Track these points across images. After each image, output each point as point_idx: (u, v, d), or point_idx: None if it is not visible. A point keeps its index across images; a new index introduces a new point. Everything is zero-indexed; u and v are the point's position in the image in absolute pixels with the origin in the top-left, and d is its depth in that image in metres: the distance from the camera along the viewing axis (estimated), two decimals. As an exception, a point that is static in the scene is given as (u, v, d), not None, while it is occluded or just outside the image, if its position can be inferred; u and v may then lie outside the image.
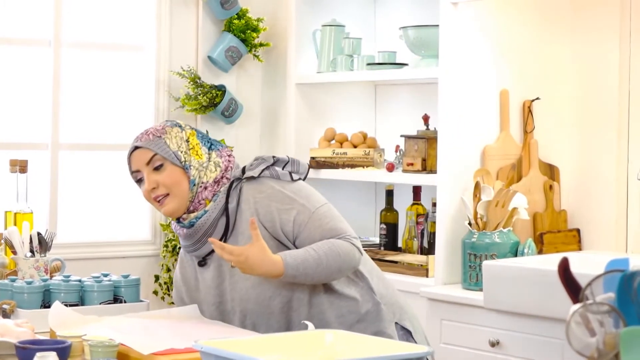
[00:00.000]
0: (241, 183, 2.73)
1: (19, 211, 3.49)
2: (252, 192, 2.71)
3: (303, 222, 2.67)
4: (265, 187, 2.71)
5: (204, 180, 2.71)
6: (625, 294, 1.52)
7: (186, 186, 2.70)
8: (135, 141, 2.76)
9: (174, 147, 2.71)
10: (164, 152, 2.70)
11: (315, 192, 2.77)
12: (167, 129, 2.75)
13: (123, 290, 3.01)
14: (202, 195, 2.71)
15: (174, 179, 2.69)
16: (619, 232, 3.94)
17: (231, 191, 2.71)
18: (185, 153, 2.72)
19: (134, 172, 2.76)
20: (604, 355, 1.49)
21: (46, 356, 2.19)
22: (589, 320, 1.53)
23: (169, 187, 2.70)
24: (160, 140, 2.71)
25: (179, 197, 2.70)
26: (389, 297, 2.81)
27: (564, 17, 4.09)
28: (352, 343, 2.20)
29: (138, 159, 2.74)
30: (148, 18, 4.64)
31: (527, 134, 4.03)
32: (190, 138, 2.76)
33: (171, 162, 2.70)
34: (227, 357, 2.02)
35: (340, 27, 4.54)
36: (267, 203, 2.68)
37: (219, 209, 2.70)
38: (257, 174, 2.72)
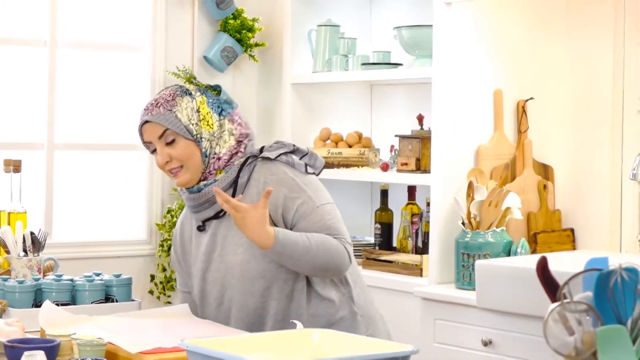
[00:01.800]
0: (256, 161, 2.73)
1: (12, 211, 3.51)
2: (264, 172, 2.71)
3: (305, 212, 2.68)
4: (278, 171, 2.71)
5: (217, 151, 2.72)
6: (603, 292, 1.52)
7: (199, 158, 2.71)
8: (145, 114, 2.75)
9: (184, 120, 2.70)
10: (175, 127, 2.69)
11: (324, 190, 2.78)
12: (177, 100, 2.73)
13: (115, 289, 3.01)
14: (215, 165, 2.72)
15: (186, 152, 2.70)
16: (613, 232, 3.95)
17: (244, 166, 2.72)
18: (196, 125, 2.71)
19: (146, 142, 2.77)
20: (581, 354, 1.50)
21: (34, 355, 2.20)
22: (567, 319, 1.54)
23: (181, 160, 2.71)
24: (171, 114, 2.70)
25: (192, 169, 2.71)
26: (367, 309, 2.82)
27: (558, 17, 4.09)
28: (339, 342, 2.20)
29: (150, 132, 2.74)
30: (144, 18, 4.64)
31: (521, 134, 4.03)
32: (200, 107, 2.74)
33: (183, 136, 2.69)
34: (212, 356, 2.03)
35: (335, 27, 4.55)
36: (276, 187, 2.68)
37: (229, 182, 2.71)
38: (273, 156, 2.73)
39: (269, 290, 2.70)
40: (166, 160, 2.72)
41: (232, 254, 2.72)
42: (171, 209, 4.59)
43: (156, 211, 4.64)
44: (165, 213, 4.60)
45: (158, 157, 2.73)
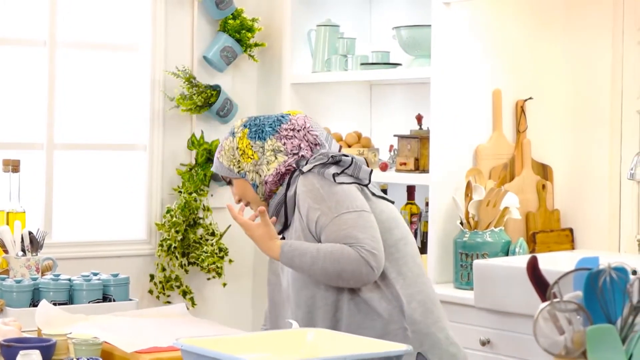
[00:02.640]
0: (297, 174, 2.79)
1: (11, 210, 3.51)
2: (300, 185, 2.76)
3: (324, 224, 2.68)
4: (308, 183, 2.74)
5: (263, 178, 2.81)
6: (592, 292, 1.53)
7: (251, 190, 2.84)
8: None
9: (227, 162, 2.84)
10: (224, 172, 2.86)
11: (354, 199, 2.71)
12: (223, 144, 2.87)
13: (112, 289, 3.02)
14: (266, 189, 2.81)
15: (241, 190, 2.85)
16: (611, 232, 3.95)
17: (291, 180, 2.80)
18: (238, 162, 2.83)
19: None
20: (571, 353, 1.50)
21: (29, 354, 2.21)
22: (557, 319, 1.54)
23: (242, 196, 2.86)
24: (218, 162, 2.87)
25: (253, 201, 2.85)
26: (423, 326, 2.70)
27: (557, 17, 4.09)
28: (334, 341, 2.20)
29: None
30: (143, 18, 4.65)
31: (520, 134, 4.03)
32: (239, 143, 2.82)
33: (232, 177, 2.85)
34: (207, 355, 2.03)
35: (334, 27, 4.55)
36: (304, 198, 2.73)
37: (280, 196, 2.80)
38: (306, 169, 2.76)
39: (313, 300, 2.70)
40: (236, 199, 2.90)
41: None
42: (170, 208, 4.60)
43: (156, 211, 4.65)
44: (165, 213, 4.60)
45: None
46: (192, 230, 4.61)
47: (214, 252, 4.60)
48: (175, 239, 4.55)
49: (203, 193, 4.64)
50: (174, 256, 4.58)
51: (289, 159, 2.78)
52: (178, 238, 4.55)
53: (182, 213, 4.57)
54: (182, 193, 4.61)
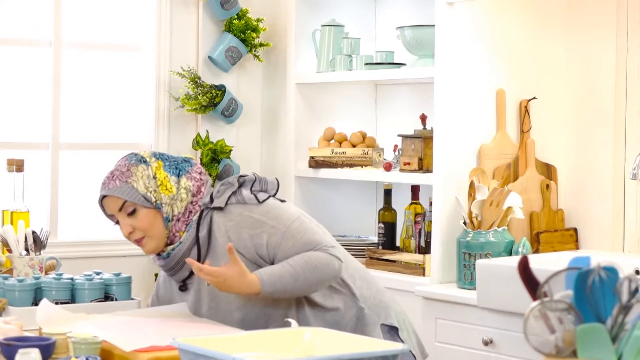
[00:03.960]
0: (210, 212, 2.75)
1: (15, 210, 3.53)
2: (222, 221, 2.73)
3: (277, 243, 2.68)
4: (234, 215, 2.72)
5: (176, 213, 2.74)
6: (582, 291, 1.53)
7: (161, 224, 2.74)
8: (102, 188, 2.78)
9: (142, 189, 2.72)
10: (133, 198, 2.72)
11: (285, 209, 2.76)
12: (132, 170, 2.75)
13: (114, 288, 3.03)
14: (176, 227, 2.74)
15: (148, 221, 2.73)
16: (615, 231, 3.94)
17: (201, 220, 2.73)
18: (154, 192, 2.73)
19: (109, 215, 2.82)
20: (562, 352, 1.50)
21: (28, 352, 2.21)
22: (548, 318, 1.55)
23: (144, 229, 2.74)
24: (128, 186, 2.72)
25: (156, 236, 2.74)
26: (373, 298, 2.82)
27: (560, 16, 4.09)
28: (331, 340, 2.21)
29: (109, 205, 2.79)
30: (148, 18, 4.66)
31: (524, 134, 4.03)
32: (157, 173, 2.76)
33: (142, 205, 2.72)
34: (204, 354, 2.04)
35: (339, 27, 4.56)
36: (238, 231, 2.70)
37: (191, 239, 2.73)
38: (223, 204, 2.73)
39: (273, 319, 2.73)
40: (129, 231, 2.75)
41: (226, 303, 2.75)
42: (176, 208, 4.61)
43: (161, 211, 4.66)
44: (170, 212, 4.61)
45: (121, 228, 2.78)
46: (197, 229, 4.62)
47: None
48: (180, 238, 4.56)
49: (208, 193, 4.65)
50: (179, 256, 4.59)
51: (195, 199, 2.75)
52: (183, 238, 4.56)
53: (187, 213, 4.58)
54: (187, 193, 4.62)
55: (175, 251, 2.75)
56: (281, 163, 4.70)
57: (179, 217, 2.73)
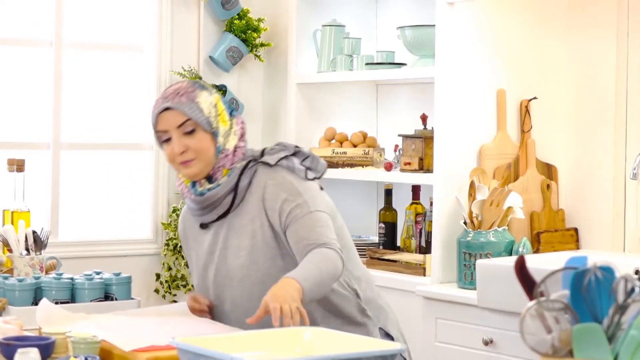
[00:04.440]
0: (257, 165, 2.74)
1: (16, 210, 3.53)
2: (265, 177, 2.71)
3: (298, 215, 2.66)
4: (278, 176, 2.71)
5: (227, 147, 2.72)
6: (578, 291, 1.53)
7: (213, 152, 2.70)
8: (165, 101, 2.70)
9: (206, 112, 2.69)
10: (197, 118, 2.67)
11: (322, 198, 2.76)
12: (197, 92, 2.71)
13: (114, 287, 3.03)
14: (222, 162, 2.72)
15: (203, 145, 2.68)
16: (616, 231, 3.94)
17: (245, 170, 2.72)
18: (214, 119, 2.71)
19: (161, 131, 2.72)
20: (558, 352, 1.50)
21: (27, 352, 2.22)
22: (545, 317, 1.55)
23: (197, 152, 2.68)
24: (194, 105, 2.68)
25: (205, 162, 2.70)
26: (374, 301, 2.83)
27: (561, 16, 4.09)
28: (330, 340, 2.21)
29: (168, 120, 2.69)
30: (149, 18, 4.67)
31: (525, 134, 4.03)
32: (217, 103, 2.74)
33: (202, 128, 2.68)
34: (202, 353, 2.04)
35: (340, 27, 4.56)
36: (275, 191, 2.69)
37: (230, 185, 2.71)
38: (273, 161, 2.73)
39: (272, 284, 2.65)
40: (182, 150, 2.68)
41: (233, 257, 2.73)
42: (177, 208, 4.61)
43: (162, 210, 4.66)
44: (171, 212, 4.62)
45: (174, 145, 2.68)
46: (198, 229, 4.62)
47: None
48: (181, 238, 4.57)
49: (209, 193, 4.65)
50: (180, 255, 4.60)
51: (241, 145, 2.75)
52: (184, 237, 4.57)
53: (188, 213, 4.58)
54: (188, 193, 4.62)
55: (211, 192, 2.71)
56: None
57: (227, 153, 2.71)
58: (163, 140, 2.72)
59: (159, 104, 2.71)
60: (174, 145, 2.68)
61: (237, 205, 2.72)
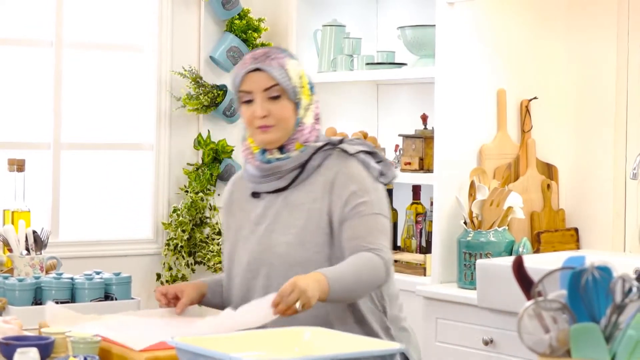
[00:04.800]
0: (333, 150, 2.67)
1: (16, 209, 3.53)
2: (338, 163, 2.64)
3: (361, 212, 2.58)
4: (353, 167, 2.64)
5: (304, 122, 2.67)
6: (576, 291, 1.53)
7: (292, 123, 2.64)
8: (256, 61, 2.64)
9: (294, 81, 2.64)
10: (285, 84, 2.62)
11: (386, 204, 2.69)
12: (287, 60, 2.66)
13: (114, 287, 3.03)
14: (296, 136, 2.65)
15: (285, 113, 2.62)
16: (616, 231, 3.94)
17: (319, 150, 2.65)
18: (299, 90, 2.65)
19: (244, 92, 2.65)
20: (556, 351, 1.51)
21: (27, 352, 2.22)
22: (542, 317, 1.55)
23: (278, 120, 2.62)
24: (284, 71, 2.62)
25: (283, 131, 2.63)
26: (399, 322, 2.74)
27: (561, 16, 4.09)
28: (330, 340, 2.21)
29: (256, 81, 2.63)
30: (150, 18, 4.67)
31: (525, 133, 4.03)
32: (303, 75, 2.68)
33: (288, 96, 2.63)
34: (201, 353, 2.04)
35: (340, 27, 4.56)
36: (346, 180, 2.61)
37: (300, 161, 2.64)
38: (352, 151, 2.65)
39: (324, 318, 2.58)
40: (264, 115, 2.61)
41: (282, 232, 2.64)
42: (177, 208, 4.62)
43: (162, 210, 4.67)
44: (171, 212, 4.62)
45: (256, 108, 2.62)
46: (199, 229, 4.63)
47: (220, 252, 4.62)
48: (181, 238, 4.57)
49: (209, 192, 4.66)
50: (181, 255, 4.60)
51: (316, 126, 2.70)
52: (184, 237, 4.57)
53: (189, 212, 4.59)
54: (189, 192, 4.63)
55: (279, 162, 2.64)
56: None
57: (303, 128, 2.66)
58: (244, 100, 2.66)
59: (248, 63, 2.64)
60: (257, 107, 2.62)
61: (300, 182, 2.65)
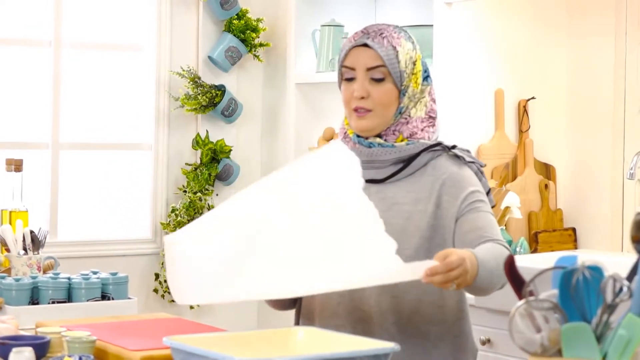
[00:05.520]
0: (443, 152, 2.45)
1: (14, 209, 3.54)
2: (450, 165, 2.42)
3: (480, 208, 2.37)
4: (466, 172, 2.42)
5: (411, 114, 2.42)
6: (567, 290, 1.54)
7: (393, 111, 2.40)
8: (365, 37, 2.40)
9: (402, 65, 2.38)
10: (392, 68, 2.38)
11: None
12: (401, 41, 2.40)
13: (111, 287, 3.05)
14: (398, 127, 2.41)
15: (387, 98, 2.38)
16: (614, 231, 3.95)
17: (428, 150, 2.42)
18: (408, 76, 2.40)
19: (347, 67, 2.42)
20: (547, 351, 1.51)
21: (22, 351, 2.23)
22: (534, 317, 1.55)
23: (377, 104, 2.38)
24: (394, 52, 2.38)
25: (381, 118, 2.39)
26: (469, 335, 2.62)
27: (559, 17, 4.09)
28: (323, 340, 2.21)
29: (361, 57, 2.40)
30: (148, 18, 4.67)
31: (523, 133, 4.04)
32: (417, 61, 2.43)
33: (393, 80, 2.38)
34: (195, 353, 2.04)
35: (339, 27, 4.56)
36: (462, 180, 2.38)
37: (405, 154, 2.40)
38: (468, 159, 2.45)
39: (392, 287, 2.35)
40: (363, 96, 2.37)
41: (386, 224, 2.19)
42: (175, 208, 4.62)
43: (161, 210, 4.67)
44: (170, 212, 4.63)
45: (356, 87, 2.38)
46: (197, 229, 4.62)
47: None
48: (180, 238, 4.57)
49: (208, 192, 4.66)
50: (179, 255, 4.59)
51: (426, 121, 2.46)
52: (183, 237, 4.57)
53: (187, 212, 4.59)
54: (187, 192, 4.63)
55: (380, 149, 2.40)
56: (281, 163, 4.71)
57: (408, 120, 2.42)
58: (345, 77, 2.43)
59: (357, 36, 2.41)
60: (356, 86, 2.39)
61: (400, 178, 2.41)
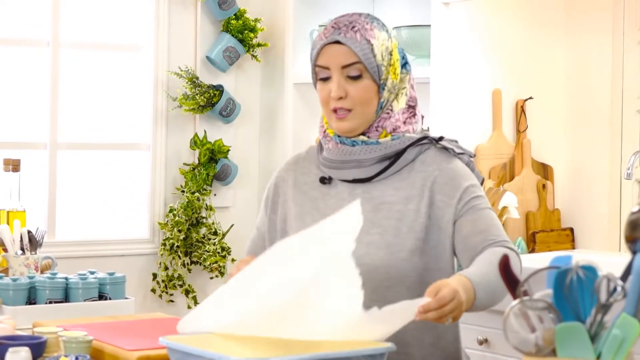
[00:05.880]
0: (431, 146, 2.34)
1: (11, 209, 3.54)
2: (439, 160, 2.30)
3: (479, 206, 2.26)
4: (459, 165, 2.31)
5: (393, 107, 2.30)
6: (561, 290, 1.54)
7: (374, 108, 2.28)
8: (336, 33, 2.26)
9: (379, 59, 2.25)
10: (368, 63, 2.25)
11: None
12: (375, 32, 2.27)
13: (108, 287, 3.05)
14: (381, 123, 2.30)
15: (366, 95, 2.26)
16: (612, 231, 3.95)
17: (416, 144, 2.30)
18: (386, 69, 2.27)
19: (321, 67, 2.29)
20: (541, 350, 1.51)
21: (18, 351, 2.23)
22: (528, 316, 1.56)
23: (356, 103, 2.26)
24: (368, 46, 2.24)
25: (363, 117, 2.27)
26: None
27: (557, 16, 4.09)
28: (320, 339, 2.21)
29: (335, 55, 2.26)
30: (146, 18, 4.67)
31: (520, 134, 4.04)
32: (393, 51, 2.30)
33: (371, 75, 2.26)
34: (191, 352, 2.04)
35: (337, 27, 4.56)
36: (454, 176, 2.27)
37: (391, 150, 2.28)
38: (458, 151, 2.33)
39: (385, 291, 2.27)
40: (341, 96, 2.25)
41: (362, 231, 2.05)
42: (173, 208, 4.62)
43: (158, 210, 4.67)
44: (168, 212, 4.63)
45: (332, 87, 2.26)
46: (195, 229, 4.63)
47: (217, 252, 4.62)
48: (178, 238, 4.58)
49: (206, 192, 4.67)
50: (177, 255, 4.60)
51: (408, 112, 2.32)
52: (181, 237, 4.58)
53: (185, 212, 4.59)
54: (185, 192, 4.63)
55: (364, 147, 2.28)
56: (279, 163, 4.71)
57: (390, 115, 2.29)
58: (320, 77, 2.31)
59: (328, 33, 2.28)
60: (333, 86, 2.26)
61: (387, 175, 2.30)
